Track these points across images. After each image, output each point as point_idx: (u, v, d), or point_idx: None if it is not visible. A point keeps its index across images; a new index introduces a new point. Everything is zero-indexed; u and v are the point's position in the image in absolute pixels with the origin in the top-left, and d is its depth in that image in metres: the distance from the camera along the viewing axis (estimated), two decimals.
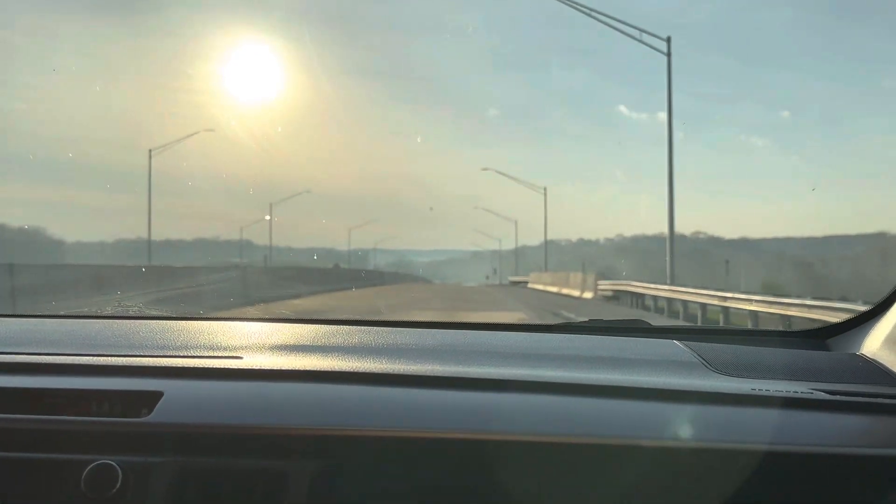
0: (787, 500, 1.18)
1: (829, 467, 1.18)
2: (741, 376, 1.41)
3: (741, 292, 12.93)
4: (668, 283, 16.21)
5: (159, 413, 1.24)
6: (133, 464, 1.20)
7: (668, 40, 15.88)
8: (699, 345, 1.58)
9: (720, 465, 1.17)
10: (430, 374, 1.36)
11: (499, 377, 1.34)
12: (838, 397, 1.30)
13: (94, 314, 2.03)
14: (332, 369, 1.38)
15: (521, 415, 1.25)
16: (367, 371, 1.37)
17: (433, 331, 1.74)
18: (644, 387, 1.31)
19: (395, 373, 1.36)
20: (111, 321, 1.76)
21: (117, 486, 1.18)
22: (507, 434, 1.21)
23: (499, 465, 1.20)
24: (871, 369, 1.45)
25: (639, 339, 1.67)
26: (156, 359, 1.43)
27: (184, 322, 1.73)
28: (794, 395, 1.30)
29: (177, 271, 15.76)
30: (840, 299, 10.04)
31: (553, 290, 26.35)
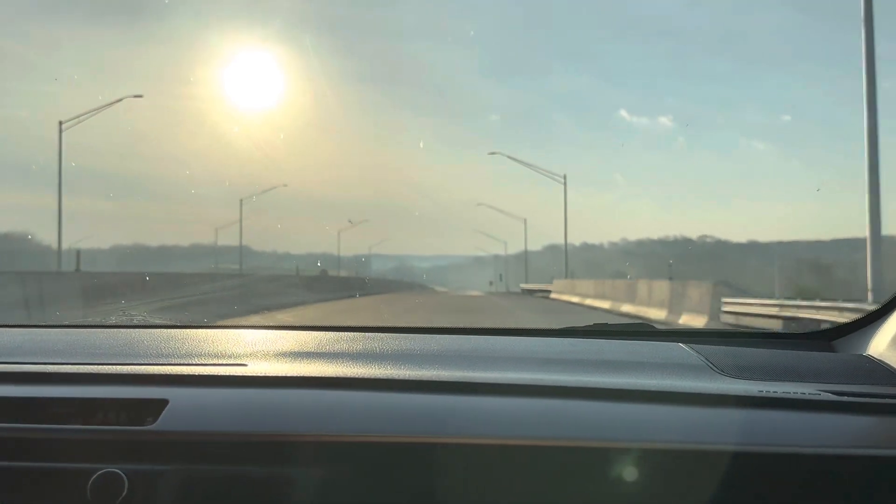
0: (797, 503, 1.17)
1: (839, 468, 1.17)
2: (748, 378, 1.40)
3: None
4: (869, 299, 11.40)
5: (165, 421, 1.25)
6: (139, 472, 1.20)
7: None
8: (705, 347, 1.58)
9: (729, 467, 1.16)
10: (436, 379, 1.36)
11: (504, 382, 1.33)
12: (846, 398, 1.29)
13: (99, 323, 2.04)
14: (337, 375, 1.38)
15: (529, 419, 1.24)
16: (372, 377, 1.36)
17: (437, 336, 1.74)
18: (651, 390, 1.30)
19: (400, 378, 1.36)
20: (116, 330, 1.77)
21: (123, 494, 1.18)
22: (515, 439, 1.21)
23: (506, 469, 1.19)
24: (878, 370, 1.45)
25: (644, 342, 1.67)
26: (160, 367, 1.43)
27: (188, 330, 1.73)
28: (802, 396, 1.29)
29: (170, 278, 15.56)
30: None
31: (603, 306, 19.07)
